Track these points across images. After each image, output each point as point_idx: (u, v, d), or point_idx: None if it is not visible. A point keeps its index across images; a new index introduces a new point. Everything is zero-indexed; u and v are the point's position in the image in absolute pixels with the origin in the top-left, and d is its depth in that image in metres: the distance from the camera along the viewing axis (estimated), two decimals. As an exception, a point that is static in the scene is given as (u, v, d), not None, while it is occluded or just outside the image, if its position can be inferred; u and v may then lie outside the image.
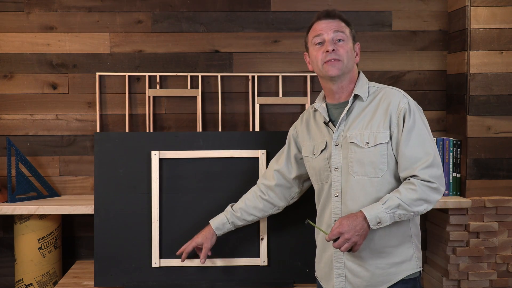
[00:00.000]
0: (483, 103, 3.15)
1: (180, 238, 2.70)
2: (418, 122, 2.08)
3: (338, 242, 2.01)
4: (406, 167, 2.05)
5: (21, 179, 3.20)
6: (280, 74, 3.39)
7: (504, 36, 3.15)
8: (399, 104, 2.08)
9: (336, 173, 2.14)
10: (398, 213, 2.01)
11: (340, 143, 2.13)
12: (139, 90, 3.40)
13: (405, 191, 2.02)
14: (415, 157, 2.04)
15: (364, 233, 2.02)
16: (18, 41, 3.36)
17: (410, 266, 2.12)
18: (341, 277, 2.15)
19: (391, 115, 2.08)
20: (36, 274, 3.18)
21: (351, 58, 2.15)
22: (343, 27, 2.16)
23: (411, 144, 2.04)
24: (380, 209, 2.00)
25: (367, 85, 2.18)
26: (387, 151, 2.07)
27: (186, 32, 3.41)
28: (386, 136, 2.07)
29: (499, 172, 3.16)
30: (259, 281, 2.72)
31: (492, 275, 3.03)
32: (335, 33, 2.14)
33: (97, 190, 2.72)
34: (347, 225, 2.00)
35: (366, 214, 2.01)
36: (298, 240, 2.73)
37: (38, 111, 3.39)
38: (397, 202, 2.00)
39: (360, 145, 2.08)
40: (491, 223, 3.02)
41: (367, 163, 2.08)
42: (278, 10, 3.42)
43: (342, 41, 2.13)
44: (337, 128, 2.14)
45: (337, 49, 2.12)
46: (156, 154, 2.72)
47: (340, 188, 2.13)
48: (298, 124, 2.40)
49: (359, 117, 2.12)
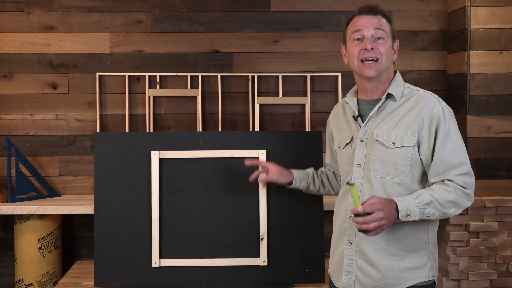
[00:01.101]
0: (483, 103, 3.15)
1: (180, 238, 2.70)
2: (453, 129, 2.04)
3: (371, 216, 1.88)
4: (439, 172, 2.01)
5: (21, 179, 3.20)
6: (280, 74, 3.39)
7: (504, 36, 3.15)
8: (433, 109, 2.03)
9: (358, 169, 2.11)
10: (428, 210, 1.97)
11: (366, 140, 2.10)
12: (139, 90, 3.40)
13: (439, 190, 1.98)
14: (450, 164, 2.00)
15: (393, 221, 1.96)
16: (18, 41, 3.36)
17: (423, 273, 2.08)
18: (350, 274, 2.13)
19: (423, 120, 2.03)
20: (36, 274, 3.18)
21: (389, 56, 2.10)
22: (384, 24, 2.09)
23: (448, 150, 2.01)
24: (412, 202, 1.96)
25: (402, 86, 2.13)
26: (412, 155, 2.03)
27: (186, 32, 3.40)
28: (413, 140, 2.03)
29: (499, 172, 3.16)
30: (259, 281, 2.71)
31: (492, 275, 3.03)
32: (375, 30, 2.07)
33: (97, 190, 2.72)
34: (384, 204, 1.91)
35: (398, 204, 1.95)
36: (298, 240, 2.73)
37: (38, 111, 3.39)
38: (430, 199, 1.97)
39: (385, 144, 2.05)
40: (491, 223, 3.02)
41: (389, 163, 2.05)
42: (278, 10, 3.42)
43: (382, 39, 2.07)
44: (365, 124, 2.11)
45: (376, 47, 2.07)
46: (156, 154, 2.72)
47: (360, 184, 2.10)
48: (330, 119, 2.36)
49: (389, 116, 2.08)
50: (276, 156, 2.72)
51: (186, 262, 2.70)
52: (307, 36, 3.43)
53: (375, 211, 1.89)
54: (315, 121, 3.42)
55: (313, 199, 2.72)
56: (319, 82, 3.43)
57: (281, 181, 2.43)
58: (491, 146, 3.15)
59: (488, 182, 3.14)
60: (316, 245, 2.73)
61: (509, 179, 3.16)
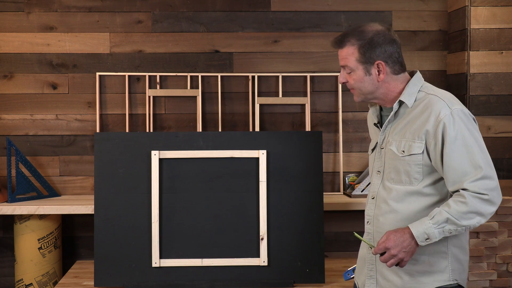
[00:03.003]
0: (483, 103, 3.15)
1: (180, 238, 2.70)
2: (464, 133, 1.96)
3: (384, 257, 1.96)
4: (454, 181, 1.97)
5: (21, 179, 3.20)
6: (280, 74, 3.39)
7: (504, 36, 3.15)
8: (439, 114, 1.97)
9: (377, 176, 2.12)
10: (447, 227, 1.94)
11: (384, 147, 2.10)
12: (139, 90, 3.40)
13: (454, 204, 1.94)
14: (462, 170, 1.95)
15: (412, 249, 1.96)
16: (18, 41, 3.36)
17: (442, 277, 2.05)
18: (372, 278, 2.14)
19: (429, 126, 1.99)
20: (36, 274, 3.18)
21: (366, 83, 2.05)
22: (349, 55, 2.05)
23: (457, 157, 1.95)
24: (428, 225, 1.94)
25: (417, 90, 2.07)
26: (422, 161, 2.01)
27: (186, 32, 3.40)
28: (420, 147, 2.00)
29: (499, 172, 3.14)
30: (259, 281, 2.71)
31: (492, 275, 3.03)
32: (343, 64, 2.07)
33: (97, 190, 2.72)
34: (394, 240, 1.95)
35: (413, 231, 1.94)
36: (298, 240, 2.73)
37: (38, 111, 3.39)
38: (446, 216, 1.93)
39: (396, 153, 2.04)
40: (491, 223, 3.02)
41: (402, 172, 2.03)
42: (278, 10, 3.42)
43: (351, 72, 2.06)
44: (383, 131, 2.11)
45: (347, 79, 2.07)
46: (156, 154, 2.72)
47: (377, 190, 2.11)
48: (369, 113, 2.31)
49: (402, 123, 2.06)
50: (276, 156, 2.72)
51: (186, 262, 2.70)
52: (307, 36, 3.43)
53: (386, 250, 1.95)
54: (315, 121, 3.42)
55: (313, 199, 2.72)
56: (319, 82, 3.43)
57: None
58: (491, 146, 3.14)
59: (488, 182, 3.14)
60: (316, 245, 2.73)
61: (509, 179, 3.16)
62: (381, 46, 2.01)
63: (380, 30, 2.03)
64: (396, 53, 2.04)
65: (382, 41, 2.02)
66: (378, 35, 2.02)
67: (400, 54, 2.06)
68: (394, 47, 2.04)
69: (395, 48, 2.04)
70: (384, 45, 2.02)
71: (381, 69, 2.04)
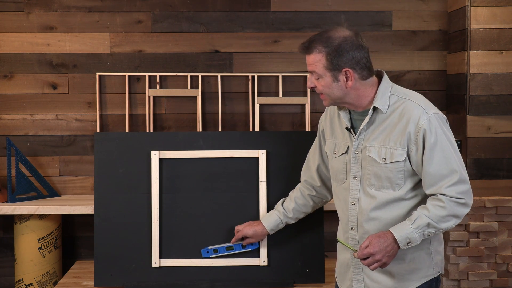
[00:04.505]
0: (483, 103, 3.15)
1: (180, 238, 2.70)
2: (441, 138, 2.00)
3: (368, 261, 2.00)
4: (431, 184, 2.01)
5: (21, 179, 3.20)
6: (280, 74, 3.39)
7: (504, 36, 3.15)
8: (419, 121, 2.00)
9: (355, 182, 2.12)
10: (427, 231, 2.00)
11: (360, 152, 2.10)
12: (139, 90, 3.40)
13: (433, 208, 1.99)
14: (440, 175, 1.99)
15: (394, 253, 2.01)
16: (18, 41, 3.36)
17: (428, 272, 2.11)
18: (359, 282, 2.15)
19: (410, 133, 2.01)
20: (36, 274, 3.18)
21: (334, 89, 2.05)
22: (317, 62, 2.05)
23: (435, 162, 1.99)
24: (410, 229, 1.98)
25: (388, 94, 2.07)
26: (404, 167, 2.03)
27: (186, 32, 3.41)
28: (402, 154, 2.02)
29: (499, 172, 3.16)
30: (259, 281, 2.72)
31: (492, 275, 3.03)
32: (311, 70, 2.08)
33: (97, 190, 2.72)
34: (378, 245, 1.98)
35: (395, 235, 1.99)
36: (298, 240, 2.73)
37: (38, 111, 3.39)
38: (427, 221, 1.98)
39: (377, 160, 2.05)
40: (491, 223, 3.02)
41: (384, 178, 2.05)
42: (278, 10, 3.42)
43: (319, 78, 2.06)
44: (357, 137, 2.10)
45: (315, 85, 2.08)
46: (156, 154, 2.72)
47: (357, 196, 2.12)
48: (323, 118, 2.33)
49: (379, 130, 2.07)
50: (276, 156, 2.72)
51: (186, 262, 2.70)
52: (307, 36, 3.36)
53: (369, 255, 1.99)
54: (315, 121, 3.42)
55: (313, 199, 2.72)
56: (319, 82, 3.43)
57: (262, 239, 2.63)
58: (491, 146, 3.15)
59: (488, 182, 3.14)
60: (316, 245, 2.73)
61: (509, 179, 3.16)
62: (348, 52, 2.00)
63: (348, 36, 2.02)
64: (364, 59, 2.02)
65: (350, 48, 2.00)
66: (346, 42, 2.00)
67: (368, 59, 2.04)
68: (362, 52, 2.02)
69: (363, 53, 2.02)
70: (351, 51, 2.00)
71: (349, 76, 2.03)
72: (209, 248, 2.67)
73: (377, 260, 1.99)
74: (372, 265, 2.00)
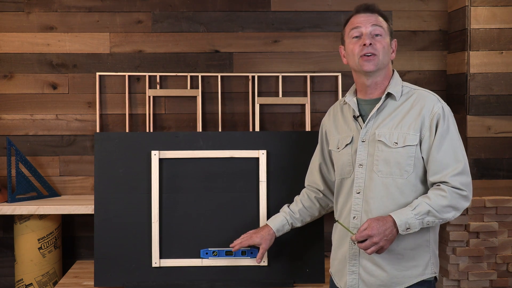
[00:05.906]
0: (483, 103, 3.15)
1: (180, 238, 2.71)
2: (452, 128, 2.06)
3: (366, 243, 1.98)
4: (436, 171, 2.03)
5: (21, 179, 3.20)
6: (280, 74, 3.39)
7: (504, 36, 3.15)
8: (433, 108, 2.06)
9: (360, 170, 2.11)
10: (427, 219, 2.00)
11: (367, 140, 2.10)
12: (139, 90, 3.40)
13: (435, 197, 2.00)
14: (446, 163, 2.02)
15: (392, 238, 2.00)
16: (18, 41, 3.36)
17: (426, 271, 2.11)
18: (354, 274, 2.14)
19: (424, 118, 2.05)
20: (36, 274, 3.18)
21: (387, 53, 2.11)
22: (382, 21, 2.11)
23: (443, 150, 2.02)
24: (410, 215, 1.98)
25: (401, 85, 2.14)
26: (415, 154, 2.05)
27: (186, 32, 3.41)
28: (415, 139, 2.04)
29: (499, 172, 3.16)
30: (259, 281, 2.72)
31: (492, 275, 3.03)
32: (373, 27, 2.09)
33: (97, 190, 2.72)
34: (377, 228, 1.97)
35: (396, 219, 1.98)
36: (298, 240, 2.73)
37: (38, 111, 3.39)
38: (427, 209, 1.99)
39: (388, 144, 2.05)
40: (491, 223, 3.02)
41: (393, 163, 2.05)
42: (278, 10, 3.42)
43: (380, 36, 2.09)
44: (366, 125, 2.11)
45: (374, 43, 2.08)
46: (156, 154, 2.72)
47: (363, 185, 2.10)
48: (325, 120, 2.36)
49: (390, 116, 2.09)
50: (276, 156, 2.72)
51: (186, 262, 2.70)
52: (307, 36, 3.43)
53: (368, 238, 1.98)
54: (315, 121, 3.42)
55: (313, 199, 2.72)
56: (319, 82, 3.43)
57: (272, 242, 2.51)
58: (491, 146, 3.15)
59: (488, 182, 3.14)
60: (316, 245, 2.74)
61: (509, 179, 3.16)
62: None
63: None
64: None
65: None
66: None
67: None
68: None
69: None
70: None
71: (394, 49, 2.17)
72: (209, 250, 2.67)
73: (375, 242, 1.97)
74: (369, 248, 1.98)
